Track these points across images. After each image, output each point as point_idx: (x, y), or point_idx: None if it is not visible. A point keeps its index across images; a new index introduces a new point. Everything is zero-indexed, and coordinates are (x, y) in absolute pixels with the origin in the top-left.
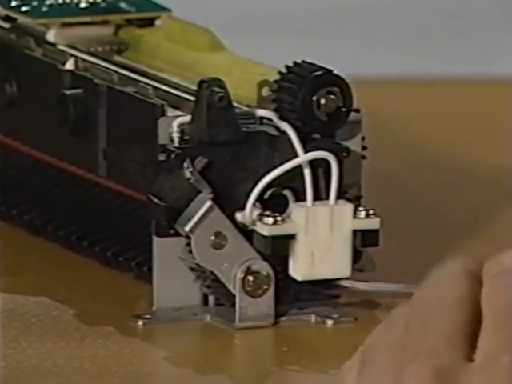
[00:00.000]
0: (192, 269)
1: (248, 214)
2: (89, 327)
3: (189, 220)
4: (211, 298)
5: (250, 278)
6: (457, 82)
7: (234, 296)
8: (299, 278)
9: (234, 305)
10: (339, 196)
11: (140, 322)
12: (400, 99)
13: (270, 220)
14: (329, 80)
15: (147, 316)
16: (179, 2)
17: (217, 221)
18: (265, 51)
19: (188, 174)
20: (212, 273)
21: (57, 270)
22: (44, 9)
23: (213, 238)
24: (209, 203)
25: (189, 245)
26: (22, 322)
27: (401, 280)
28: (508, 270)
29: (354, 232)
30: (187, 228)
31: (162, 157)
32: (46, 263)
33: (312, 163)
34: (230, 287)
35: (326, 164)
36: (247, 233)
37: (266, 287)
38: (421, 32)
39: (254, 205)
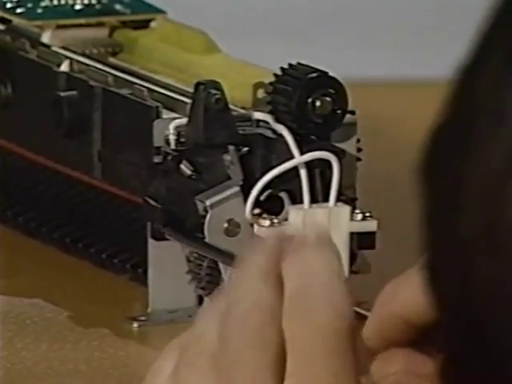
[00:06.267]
0: (189, 271)
1: (248, 215)
2: (84, 329)
3: (212, 196)
4: (206, 300)
5: None
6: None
7: None
8: None
9: None
10: (337, 197)
11: (135, 324)
12: (395, 101)
13: (267, 222)
14: (324, 82)
15: (142, 318)
16: (174, 3)
17: (237, 207)
18: (260, 53)
19: (228, 157)
20: (207, 274)
21: (52, 271)
22: (39, 10)
23: (226, 224)
24: (237, 188)
25: (203, 231)
26: (16, 323)
27: None
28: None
29: (351, 234)
30: (209, 202)
31: (157, 159)
32: (40, 265)
33: (308, 165)
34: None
35: (323, 166)
36: None
37: None
38: (416, 33)
39: (252, 206)
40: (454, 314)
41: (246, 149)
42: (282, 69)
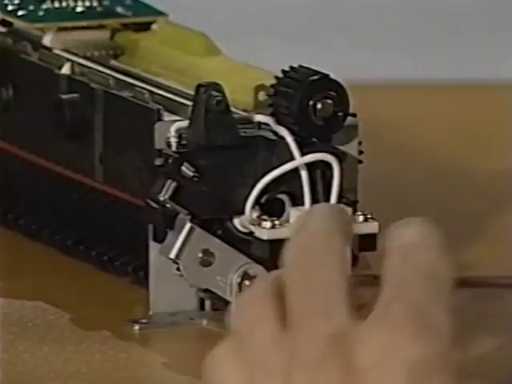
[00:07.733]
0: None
1: (248, 216)
2: (85, 332)
3: (172, 246)
4: (208, 303)
5: (247, 282)
6: (455, 86)
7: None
8: None
9: None
10: (338, 199)
11: (136, 327)
12: (397, 104)
13: (268, 224)
14: (325, 84)
15: (144, 321)
16: (175, 6)
17: (200, 240)
18: (261, 55)
19: (162, 200)
20: None
21: (53, 274)
22: (40, 13)
23: (200, 255)
24: (188, 225)
25: (178, 269)
26: (18, 326)
27: None
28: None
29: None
30: (172, 255)
31: (158, 161)
32: (42, 268)
33: (310, 167)
34: (228, 298)
35: (324, 168)
36: (245, 239)
37: None
38: (418, 36)
39: (253, 207)
40: None
41: (174, 184)
42: (284, 71)
